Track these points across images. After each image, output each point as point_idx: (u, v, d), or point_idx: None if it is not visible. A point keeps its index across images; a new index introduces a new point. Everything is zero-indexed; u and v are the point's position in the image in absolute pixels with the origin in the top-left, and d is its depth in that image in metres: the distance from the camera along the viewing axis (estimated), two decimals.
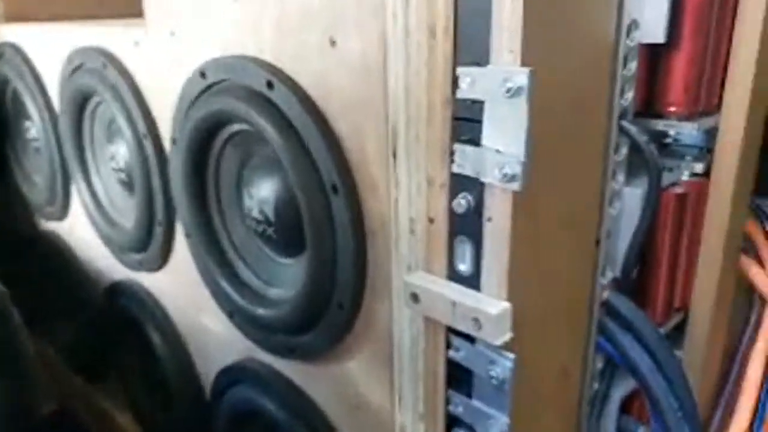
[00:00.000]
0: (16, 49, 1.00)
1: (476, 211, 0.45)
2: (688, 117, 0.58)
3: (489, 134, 0.43)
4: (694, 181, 0.62)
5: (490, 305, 0.45)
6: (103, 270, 0.99)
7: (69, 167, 0.96)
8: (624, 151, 0.55)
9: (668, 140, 0.64)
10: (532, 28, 0.40)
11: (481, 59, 0.42)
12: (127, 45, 0.76)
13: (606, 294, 0.58)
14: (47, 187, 1.04)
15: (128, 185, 0.86)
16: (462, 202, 0.45)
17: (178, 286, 0.83)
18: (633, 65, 0.52)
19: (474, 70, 0.42)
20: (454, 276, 0.49)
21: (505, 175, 0.41)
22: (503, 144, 0.42)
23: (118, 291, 0.96)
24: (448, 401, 0.52)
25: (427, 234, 0.49)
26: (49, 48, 0.92)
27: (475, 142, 0.44)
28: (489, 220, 0.45)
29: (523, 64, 0.40)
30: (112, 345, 1.00)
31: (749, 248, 0.79)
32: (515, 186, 0.42)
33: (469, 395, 0.50)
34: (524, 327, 0.49)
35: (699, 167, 0.63)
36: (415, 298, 0.49)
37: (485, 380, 0.47)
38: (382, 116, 0.49)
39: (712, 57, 0.58)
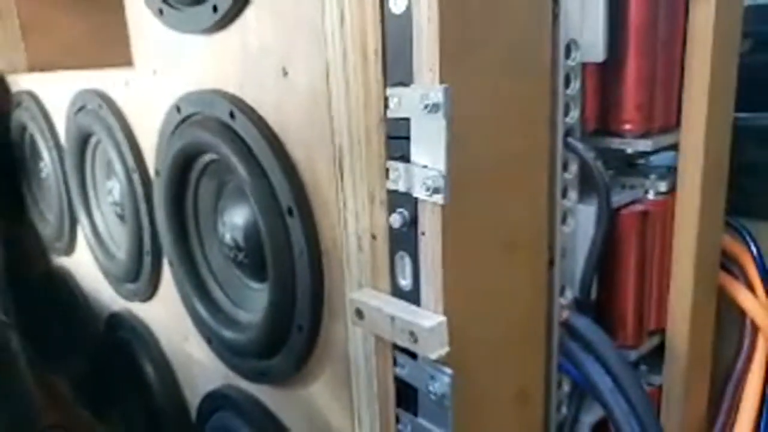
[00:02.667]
0: (32, 96, 1.07)
1: (412, 226, 0.46)
2: (644, 135, 0.58)
3: (416, 150, 0.44)
4: (658, 199, 0.62)
5: (426, 318, 0.45)
6: (104, 302, 1.03)
7: (74, 203, 1.01)
8: (574, 168, 0.55)
9: (639, 161, 0.64)
10: (450, 48, 0.42)
11: (407, 79, 0.44)
12: (119, 85, 0.81)
13: (566, 314, 0.57)
14: (56, 223, 1.09)
15: (123, 218, 0.90)
16: (397, 218, 0.46)
17: (167, 314, 0.86)
18: (576, 84, 0.53)
19: (400, 90, 0.44)
20: (396, 291, 0.49)
21: (428, 189, 0.42)
22: (428, 159, 0.43)
23: (115, 322, 0.99)
24: (397, 420, 0.52)
25: (371, 250, 0.50)
26: (59, 93, 0.99)
27: (406, 158, 0.45)
28: (423, 234, 0.46)
29: (443, 82, 0.42)
30: (110, 376, 1.03)
31: (738, 272, 0.77)
32: (439, 199, 0.42)
33: (416, 413, 0.50)
34: (470, 345, 0.49)
35: (663, 186, 0.62)
36: (359, 314, 0.50)
37: (427, 396, 0.47)
38: (330, 139, 0.51)
39: (665, 74, 0.58)
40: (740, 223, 0.75)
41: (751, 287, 0.75)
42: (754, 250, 0.74)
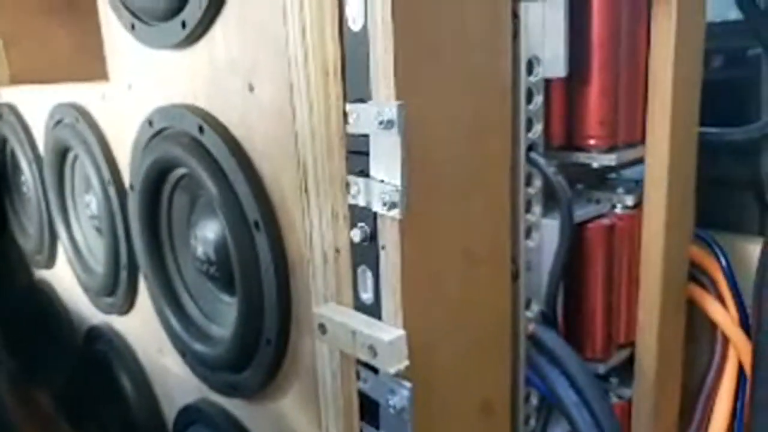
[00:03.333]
0: (12, 109, 1.07)
1: (373, 241, 0.47)
2: (609, 150, 0.59)
3: (374, 165, 0.44)
4: (624, 213, 0.62)
5: (385, 332, 0.45)
6: (84, 315, 1.03)
7: (54, 217, 1.01)
8: (538, 183, 0.56)
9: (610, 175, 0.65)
10: (406, 64, 0.43)
11: (366, 95, 0.45)
12: (95, 99, 0.82)
13: (532, 327, 0.57)
14: (36, 236, 1.09)
15: (101, 232, 0.90)
16: (357, 233, 0.47)
17: (144, 327, 0.85)
18: (539, 100, 0.54)
19: (358, 106, 0.45)
20: (359, 305, 0.50)
21: (385, 204, 0.43)
22: (385, 174, 0.43)
23: (94, 335, 0.99)
24: None
25: (335, 265, 0.51)
26: (38, 106, 0.99)
27: (366, 173, 0.46)
28: (383, 248, 0.46)
29: (399, 98, 0.42)
30: (89, 390, 1.02)
31: (709, 284, 0.77)
32: (396, 214, 0.43)
33: (378, 427, 0.50)
34: (432, 358, 0.49)
35: (630, 200, 0.63)
36: (322, 328, 0.50)
37: (387, 410, 0.47)
38: (294, 154, 0.52)
39: (628, 90, 0.59)
40: (710, 235, 0.75)
41: (721, 299, 0.76)
42: (724, 262, 0.75)
